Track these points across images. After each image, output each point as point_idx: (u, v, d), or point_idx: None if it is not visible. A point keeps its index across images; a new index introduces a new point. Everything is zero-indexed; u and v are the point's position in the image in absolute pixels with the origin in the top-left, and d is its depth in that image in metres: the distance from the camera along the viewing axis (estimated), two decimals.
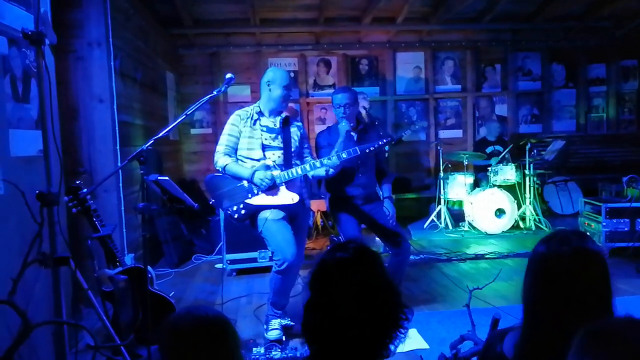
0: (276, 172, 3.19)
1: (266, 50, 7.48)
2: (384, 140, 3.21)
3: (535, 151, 6.75)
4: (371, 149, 3.18)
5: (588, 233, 5.09)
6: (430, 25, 7.40)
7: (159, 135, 2.66)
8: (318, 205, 6.51)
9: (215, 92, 2.94)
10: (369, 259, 1.31)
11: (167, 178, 3.05)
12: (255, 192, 3.18)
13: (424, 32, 7.66)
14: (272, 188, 3.17)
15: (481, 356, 1.74)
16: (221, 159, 3.26)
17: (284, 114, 3.38)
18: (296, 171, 3.21)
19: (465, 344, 2.07)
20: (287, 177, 3.21)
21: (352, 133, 3.61)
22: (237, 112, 3.35)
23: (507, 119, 8.05)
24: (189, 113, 2.87)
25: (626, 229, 4.83)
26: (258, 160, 3.23)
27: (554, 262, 1.38)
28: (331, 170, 3.25)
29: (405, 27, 7.41)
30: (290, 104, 5.77)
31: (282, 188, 3.20)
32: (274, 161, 3.24)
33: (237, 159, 3.27)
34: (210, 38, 7.34)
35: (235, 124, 3.28)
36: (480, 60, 8.01)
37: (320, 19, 7.04)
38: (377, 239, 4.29)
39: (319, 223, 6.49)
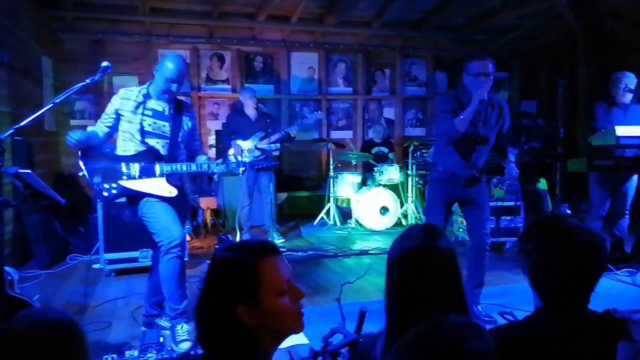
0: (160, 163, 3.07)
1: (156, 41, 7.18)
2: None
3: (418, 153, 7.16)
4: (259, 166, 3.15)
5: (460, 229, 5.51)
6: (324, 27, 7.55)
7: (20, 125, 2.44)
8: (208, 203, 6.39)
9: (88, 81, 2.77)
10: None
11: (29, 171, 2.79)
12: (133, 175, 3.02)
13: (318, 33, 7.81)
14: (147, 174, 3.03)
15: None
16: (88, 128, 3.13)
17: (170, 106, 3.16)
18: (181, 167, 3.09)
19: (335, 336, 2.14)
20: (170, 170, 3.07)
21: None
22: (121, 91, 3.13)
23: (394, 122, 8.46)
24: (57, 102, 2.68)
25: (492, 226, 5.28)
26: (140, 143, 3.07)
27: (406, 258, 1.44)
28: (216, 176, 3.18)
29: (299, 27, 7.50)
30: (180, 98, 5.55)
31: (162, 179, 3.05)
32: (158, 150, 3.10)
33: (111, 134, 3.15)
34: (94, 23, 6.89)
35: (112, 102, 3.12)
36: (371, 64, 8.34)
37: (214, 12, 6.91)
38: None
39: (208, 221, 6.36)
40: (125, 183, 3.02)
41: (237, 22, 7.31)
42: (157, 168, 3.05)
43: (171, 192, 3.05)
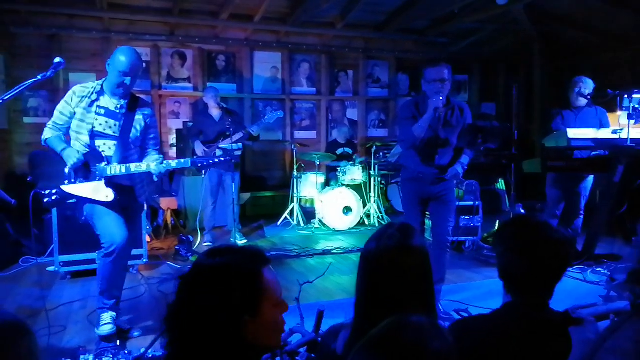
0: (101, 165, 3.00)
1: (115, 38, 6.99)
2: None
3: (381, 154, 7.25)
4: (211, 161, 3.13)
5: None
6: (288, 27, 7.54)
7: None
8: (168, 203, 6.28)
9: (39, 77, 2.69)
10: None
11: None
12: (73, 179, 2.96)
13: (282, 33, 7.79)
14: (88, 177, 2.96)
15: (317, 355, 1.81)
16: (46, 132, 3.05)
17: (123, 101, 3.07)
18: (119, 169, 3.00)
19: (294, 336, 2.14)
20: (107, 173, 2.99)
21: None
22: (75, 87, 3.06)
23: (357, 122, 8.53)
24: (6, 98, 2.58)
25: (475, 224, 5.40)
26: (85, 146, 3.00)
27: (382, 257, 1.46)
28: (155, 176, 3.10)
29: (262, 26, 7.46)
30: (139, 95, 5.39)
31: (100, 183, 2.97)
32: (104, 151, 3.02)
33: (64, 135, 3.06)
34: (49, 18, 6.66)
35: (68, 101, 3.02)
36: (335, 65, 8.38)
37: (175, 9, 6.79)
38: None
39: (168, 222, 6.25)
40: (65, 187, 2.97)
41: (199, 20, 7.21)
42: (97, 170, 2.98)
43: (107, 196, 2.96)
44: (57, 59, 2.73)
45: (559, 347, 1.41)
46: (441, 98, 3.30)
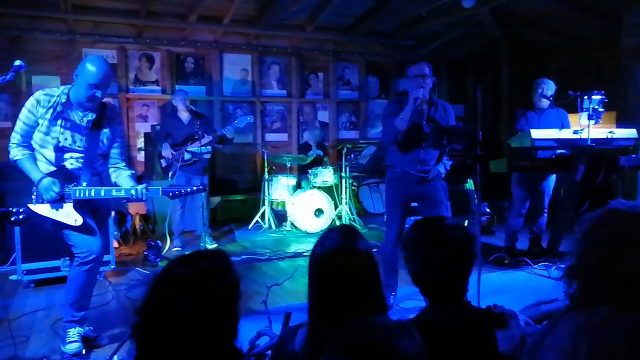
0: (70, 186, 2.88)
1: (80, 40, 6.85)
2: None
3: (352, 155, 7.29)
4: (183, 191, 3.04)
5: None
6: (257, 29, 7.51)
7: None
8: (137, 208, 6.18)
9: None
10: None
11: None
12: (41, 199, 2.85)
13: (251, 35, 7.76)
14: (58, 201, 2.85)
15: (274, 353, 1.81)
16: (13, 151, 2.86)
17: (91, 115, 2.93)
18: (88, 193, 2.88)
19: (262, 339, 2.13)
20: (77, 195, 2.86)
21: None
22: (38, 94, 2.86)
23: (328, 125, 8.55)
24: None
25: None
26: (49, 162, 2.88)
27: (327, 261, 1.48)
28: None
29: (232, 28, 7.42)
30: (107, 100, 5.26)
31: (69, 205, 2.86)
32: (72, 164, 2.91)
33: (33, 152, 2.90)
34: (11, 19, 6.46)
35: (32, 111, 2.83)
36: (305, 67, 8.38)
37: (142, 11, 6.69)
38: None
39: (137, 227, 6.15)
40: (33, 207, 2.86)
41: (167, 23, 7.13)
42: (66, 192, 2.86)
43: (76, 220, 2.86)
44: (17, 62, 2.67)
45: (484, 344, 1.45)
46: (421, 90, 3.46)
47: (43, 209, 2.86)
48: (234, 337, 1.30)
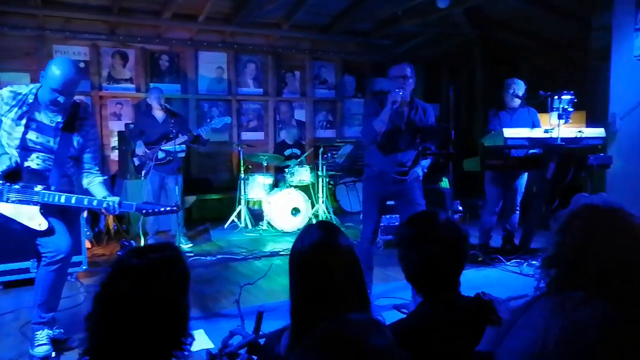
0: (39, 188, 2.78)
1: (51, 36, 6.69)
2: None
3: (328, 154, 7.29)
4: (157, 209, 2.97)
5: None
6: (232, 27, 7.46)
7: None
8: None
9: None
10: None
11: None
12: (5, 198, 2.76)
13: (227, 33, 7.70)
14: (22, 198, 2.76)
15: (260, 358, 1.81)
16: None
17: (61, 117, 2.85)
18: (57, 199, 2.79)
19: (234, 338, 2.11)
20: (46, 199, 2.77)
21: None
22: (3, 91, 2.79)
23: (305, 123, 8.55)
24: None
25: (397, 223, 5.50)
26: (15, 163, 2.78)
27: (307, 257, 1.47)
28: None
29: (207, 26, 7.35)
30: (79, 100, 5.16)
31: (35, 209, 2.77)
32: (37, 164, 2.83)
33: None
34: None
35: None
36: (281, 66, 8.36)
37: (114, 8, 6.58)
38: None
39: (110, 227, 6.05)
40: None
41: (140, 20, 7.02)
42: (33, 194, 2.77)
43: (40, 225, 2.79)
44: None
45: (478, 339, 1.47)
46: (400, 93, 3.41)
47: (6, 209, 2.77)
48: (185, 326, 1.34)
